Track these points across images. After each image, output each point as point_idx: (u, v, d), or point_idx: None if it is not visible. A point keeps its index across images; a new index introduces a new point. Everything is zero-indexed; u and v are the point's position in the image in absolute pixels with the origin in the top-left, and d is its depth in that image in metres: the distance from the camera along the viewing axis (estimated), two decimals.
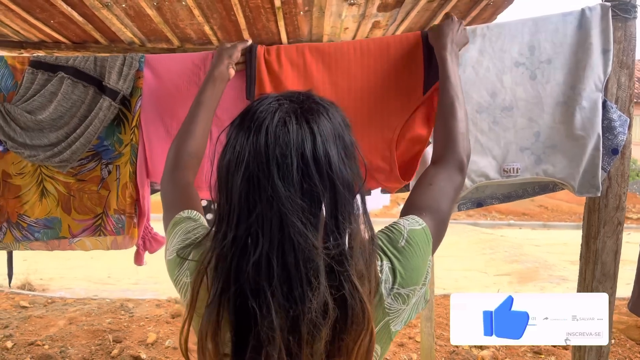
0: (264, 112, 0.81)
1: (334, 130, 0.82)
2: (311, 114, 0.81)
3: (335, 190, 0.77)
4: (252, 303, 0.73)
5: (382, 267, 0.84)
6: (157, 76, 1.80)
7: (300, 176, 0.76)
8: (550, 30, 1.69)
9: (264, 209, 0.75)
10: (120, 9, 2.78)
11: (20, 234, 1.92)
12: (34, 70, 1.78)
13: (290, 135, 0.77)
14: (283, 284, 0.73)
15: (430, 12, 2.97)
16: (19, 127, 1.77)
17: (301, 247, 0.73)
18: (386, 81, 1.74)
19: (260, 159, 0.77)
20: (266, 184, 0.75)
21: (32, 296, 5.51)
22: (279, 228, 0.74)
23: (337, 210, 0.78)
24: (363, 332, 0.75)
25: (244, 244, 0.76)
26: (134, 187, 1.78)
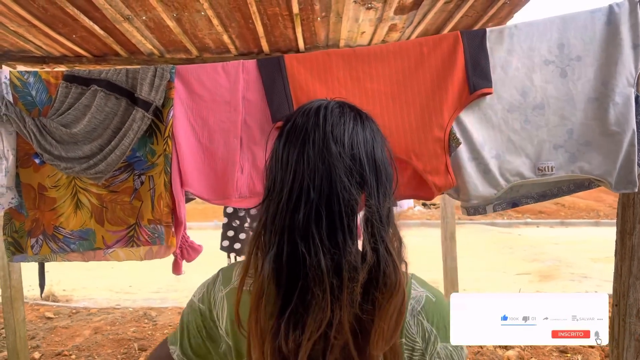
0: (319, 101, 0.92)
1: (374, 128, 0.92)
2: (360, 114, 0.92)
3: (377, 169, 0.87)
4: (302, 247, 0.81)
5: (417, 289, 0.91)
6: (187, 86, 1.82)
7: (351, 142, 0.86)
8: (578, 27, 1.69)
9: (317, 165, 0.84)
10: (140, 21, 2.83)
11: (56, 245, 1.95)
12: (67, 84, 1.81)
13: (345, 117, 0.88)
14: (329, 231, 0.82)
15: (446, 13, 2.98)
16: (55, 140, 1.80)
17: (345, 200, 0.83)
18: (428, 82, 1.75)
19: (317, 124, 0.87)
20: (321, 144, 0.85)
21: (57, 307, 5.58)
22: (329, 182, 0.83)
23: (378, 179, 0.87)
24: (394, 292, 0.82)
25: (297, 197, 0.84)
26: (169, 196, 1.80)
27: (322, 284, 0.79)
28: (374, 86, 1.77)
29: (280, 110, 1.77)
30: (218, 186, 1.83)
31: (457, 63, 1.72)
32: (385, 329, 0.81)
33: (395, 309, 0.81)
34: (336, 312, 0.80)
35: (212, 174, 1.83)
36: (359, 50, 1.77)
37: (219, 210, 10.56)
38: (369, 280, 0.82)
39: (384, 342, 0.81)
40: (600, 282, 6.57)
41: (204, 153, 1.83)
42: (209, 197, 1.82)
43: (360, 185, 0.85)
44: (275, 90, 1.78)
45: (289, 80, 1.78)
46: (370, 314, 0.82)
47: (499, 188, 1.74)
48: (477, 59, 1.72)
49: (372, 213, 0.84)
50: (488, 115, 1.75)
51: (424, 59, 1.75)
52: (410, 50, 1.76)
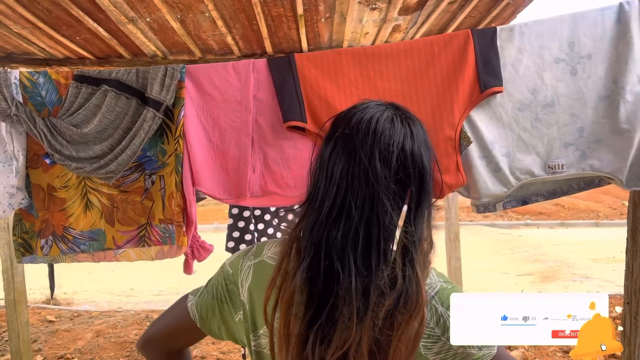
0: (372, 109, 0.92)
1: (425, 138, 0.93)
2: (409, 119, 0.92)
3: (423, 185, 0.89)
4: (337, 265, 0.83)
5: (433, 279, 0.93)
6: (198, 86, 1.82)
7: (398, 165, 0.86)
8: (589, 25, 1.69)
9: (361, 185, 0.85)
10: (144, 23, 2.83)
11: (66, 246, 1.94)
12: (77, 84, 1.81)
13: (395, 130, 0.88)
14: (364, 253, 0.84)
15: (450, 13, 2.98)
16: (65, 141, 1.80)
17: (385, 224, 0.84)
18: (439, 81, 1.76)
19: (365, 141, 0.87)
20: (367, 163, 0.85)
21: (58, 310, 5.56)
22: (370, 204, 0.84)
23: (420, 204, 0.88)
24: (414, 314, 0.82)
25: (338, 213, 0.85)
26: (181, 196, 1.80)
27: (350, 305, 0.81)
28: (384, 85, 1.77)
29: (291, 110, 1.77)
30: (230, 185, 1.83)
31: (468, 61, 1.73)
32: (403, 350, 0.82)
33: (414, 329, 0.82)
34: (358, 333, 0.81)
35: (224, 173, 1.83)
36: (370, 49, 1.77)
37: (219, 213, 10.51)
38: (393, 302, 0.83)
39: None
40: (601, 282, 6.58)
41: (215, 152, 1.83)
42: (221, 197, 1.82)
43: (400, 210, 0.88)
44: (286, 89, 1.78)
45: (299, 79, 1.79)
46: (389, 336, 0.83)
47: (510, 186, 1.74)
48: (487, 57, 1.73)
49: (407, 238, 0.85)
50: (498, 113, 1.76)
51: (435, 58, 1.76)
52: (421, 48, 1.76)
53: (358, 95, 1.77)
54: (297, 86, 1.78)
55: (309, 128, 1.78)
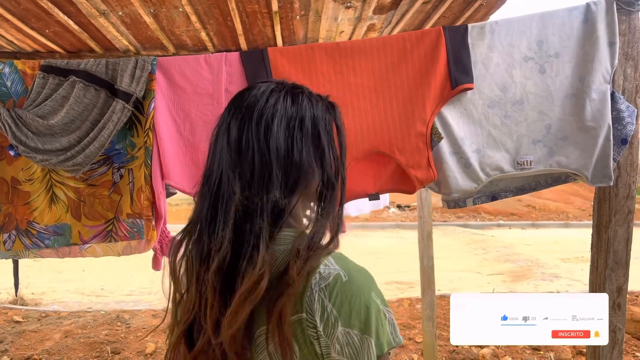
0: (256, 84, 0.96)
1: (296, 112, 0.90)
2: (279, 91, 0.92)
3: (269, 160, 0.86)
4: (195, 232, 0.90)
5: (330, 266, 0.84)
6: (169, 78, 1.80)
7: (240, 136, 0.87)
8: (557, 24, 1.73)
9: (216, 157, 0.90)
10: (116, 17, 2.78)
11: (29, 241, 1.89)
12: (45, 74, 1.77)
13: (250, 98, 0.90)
14: (211, 224, 0.87)
15: (424, 13, 3.01)
16: (31, 132, 1.76)
17: (227, 192, 0.86)
18: (411, 76, 1.77)
19: (224, 113, 0.93)
20: (221, 135, 0.91)
21: (25, 310, 5.41)
22: (219, 174, 0.88)
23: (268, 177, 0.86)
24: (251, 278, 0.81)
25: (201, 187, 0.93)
26: (150, 189, 1.77)
27: (192, 268, 0.88)
28: (357, 80, 1.77)
29: None
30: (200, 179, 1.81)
31: (440, 58, 1.74)
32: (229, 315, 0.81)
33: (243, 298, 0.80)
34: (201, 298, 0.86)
35: (195, 167, 1.81)
36: (343, 45, 1.78)
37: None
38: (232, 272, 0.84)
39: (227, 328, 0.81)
40: (570, 281, 6.73)
41: (185, 146, 1.81)
42: (191, 191, 1.80)
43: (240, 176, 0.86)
44: None
45: (272, 73, 1.78)
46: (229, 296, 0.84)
47: (480, 182, 1.77)
48: (459, 54, 1.75)
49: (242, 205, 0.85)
50: (469, 110, 1.78)
51: (407, 54, 1.77)
52: (394, 45, 1.77)
53: (331, 90, 1.77)
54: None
55: None
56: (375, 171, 1.82)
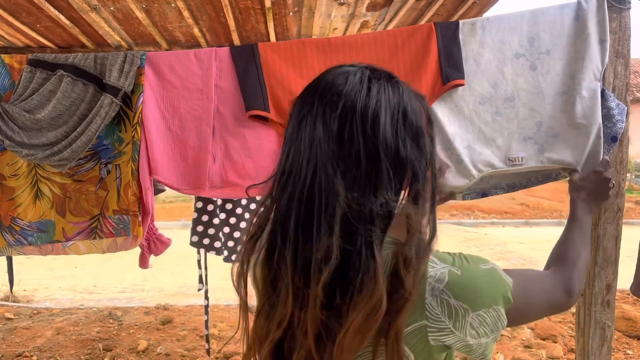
0: (337, 68, 0.83)
1: (399, 103, 0.80)
2: (378, 79, 0.81)
3: (378, 157, 0.76)
4: (279, 240, 0.78)
5: (436, 266, 0.81)
6: (158, 73, 1.79)
7: (341, 125, 0.76)
8: (548, 21, 1.72)
9: (304, 146, 0.77)
10: (108, 12, 2.76)
11: (13, 238, 1.87)
12: (32, 68, 1.75)
13: (347, 86, 0.78)
14: (305, 221, 0.76)
15: (417, 11, 3.00)
16: (17, 127, 1.74)
17: (327, 190, 0.75)
18: (402, 73, 1.76)
19: (313, 99, 0.79)
20: (311, 124, 0.77)
21: (17, 307, 5.38)
22: (314, 168, 0.76)
23: (370, 173, 0.76)
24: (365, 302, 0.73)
25: (286, 179, 0.79)
26: (137, 185, 1.76)
27: (286, 279, 0.76)
28: None
29: (254, 99, 1.75)
30: (189, 175, 1.80)
31: (431, 54, 1.74)
32: (348, 340, 0.74)
33: (364, 319, 0.73)
34: (296, 311, 0.76)
35: (183, 163, 1.80)
36: (334, 40, 1.77)
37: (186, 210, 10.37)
38: (339, 284, 0.74)
39: (346, 352, 0.74)
40: None
41: (174, 141, 1.79)
42: (179, 186, 1.79)
43: (344, 174, 0.75)
44: (249, 78, 1.76)
45: (262, 68, 1.77)
46: (337, 320, 0.75)
47: (471, 178, 1.77)
48: (450, 50, 1.74)
49: (349, 207, 0.74)
50: (460, 106, 1.78)
51: (398, 50, 1.76)
52: (385, 41, 1.76)
53: None
54: (260, 75, 1.76)
55: (272, 117, 1.77)
56: None
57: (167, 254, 2.03)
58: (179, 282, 6.38)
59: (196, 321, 4.80)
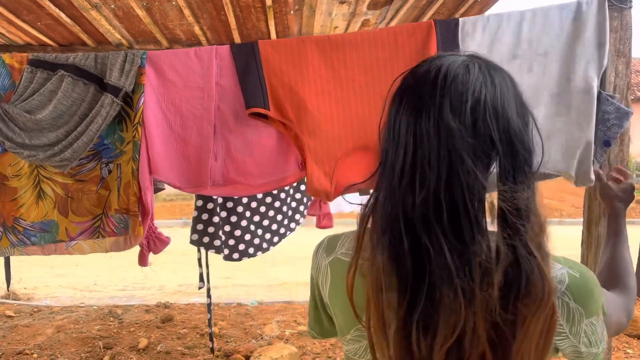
0: (444, 57, 0.78)
1: (516, 92, 0.77)
2: (493, 68, 0.77)
3: (512, 143, 0.72)
4: (425, 240, 0.70)
5: (555, 266, 0.77)
6: (159, 72, 1.79)
7: (474, 117, 0.71)
8: (547, 23, 1.72)
9: (431, 142, 0.71)
10: (109, 10, 2.76)
11: (16, 238, 1.87)
12: (33, 69, 1.75)
13: (471, 76, 0.74)
14: (452, 223, 0.70)
15: (418, 9, 3.01)
16: (18, 127, 1.74)
17: (469, 185, 0.69)
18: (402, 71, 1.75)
19: (433, 91, 0.73)
20: (436, 116, 0.72)
21: (17, 305, 5.38)
22: (448, 163, 0.70)
23: (514, 167, 0.72)
24: (542, 304, 0.69)
25: (410, 178, 0.72)
26: (137, 184, 1.76)
27: (451, 285, 0.68)
28: (348, 74, 1.77)
29: (254, 96, 1.75)
30: (190, 174, 1.80)
31: (430, 53, 1.74)
32: (532, 349, 0.70)
33: (544, 324, 0.70)
34: (469, 318, 0.69)
35: (185, 162, 1.80)
36: (334, 38, 1.77)
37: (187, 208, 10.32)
38: (507, 285, 0.69)
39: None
40: None
41: (176, 140, 1.80)
42: (181, 185, 1.79)
43: (488, 166, 0.71)
44: (249, 76, 1.76)
45: (263, 66, 1.77)
46: (511, 327, 0.70)
47: None
48: (449, 49, 1.74)
49: (505, 201, 0.69)
50: None
51: (399, 49, 1.76)
52: (385, 39, 1.76)
53: (322, 83, 1.76)
54: (260, 73, 1.76)
55: (272, 115, 1.77)
56: (365, 166, 1.81)
57: (168, 253, 2.04)
58: (180, 280, 6.38)
59: (196, 319, 4.80)
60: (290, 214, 3.11)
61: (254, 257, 3.01)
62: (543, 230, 0.73)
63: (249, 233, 2.91)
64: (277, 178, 1.83)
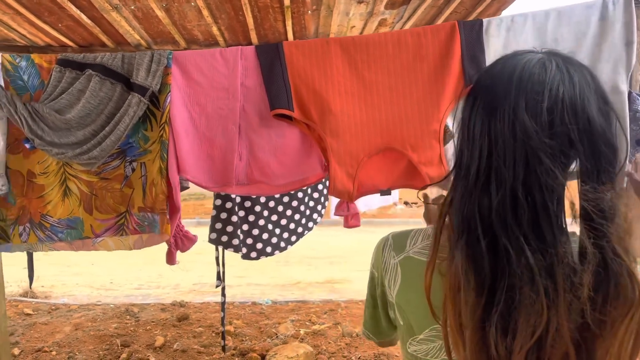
0: (519, 54, 0.78)
1: (597, 88, 0.74)
2: (569, 63, 0.75)
3: (593, 142, 0.70)
4: (503, 240, 0.70)
5: None
6: (185, 72, 1.81)
7: (552, 116, 0.70)
8: (573, 22, 1.70)
9: (506, 142, 0.71)
10: (129, 11, 2.79)
11: (43, 234, 1.91)
12: (61, 68, 1.78)
13: (548, 74, 0.72)
14: (532, 223, 0.69)
15: (436, 8, 3.00)
16: (47, 126, 1.77)
17: (549, 185, 0.69)
18: (425, 74, 1.76)
19: (508, 90, 0.73)
20: (512, 116, 0.71)
21: (35, 303, 5.46)
22: (525, 164, 0.70)
23: (597, 162, 0.70)
24: (633, 306, 0.67)
25: (486, 178, 0.72)
26: (165, 183, 1.78)
27: (535, 284, 0.68)
28: (371, 76, 1.77)
29: (279, 97, 1.76)
30: (216, 173, 1.82)
31: (454, 55, 1.73)
32: (622, 351, 0.68)
33: (634, 327, 0.68)
34: (552, 318, 0.67)
35: (210, 161, 1.82)
36: (358, 39, 1.77)
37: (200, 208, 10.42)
38: (595, 287, 0.68)
39: None
40: None
41: (201, 140, 1.81)
42: (207, 184, 1.81)
43: (567, 165, 0.70)
44: (274, 77, 1.77)
45: (287, 67, 1.78)
46: (598, 328, 0.69)
47: None
48: (473, 50, 1.74)
49: (588, 201, 0.68)
50: None
51: (423, 51, 1.76)
52: (409, 41, 1.76)
53: (345, 84, 1.77)
54: (285, 74, 1.77)
55: (296, 116, 1.78)
56: (387, 167, 1.82)
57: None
58: (194, 279, 6.43)
59: (212, 318, 4.84)
60: (308, 213, 3.12)
61: (271, 256, 3.03)
62: (629, 233, 0.71)
63: (267, 232, 2.92)
64: (300, 178, 1.84)
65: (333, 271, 6.93)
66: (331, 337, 4.28)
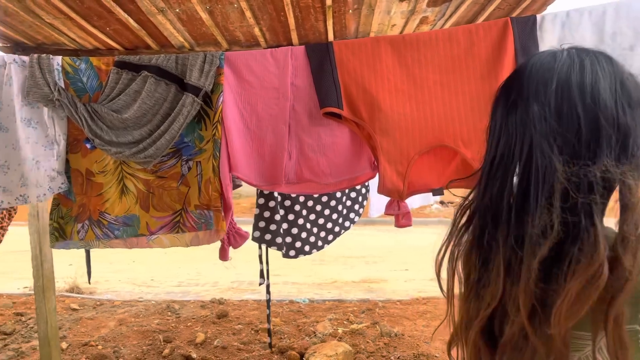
0: (541, 52, 0.83)
1: (615, 72, 0.77)
2: (587, 53, 0.79)
3: (598, 125, 0.73)
4: (487, 214, 0.80)
5: None
6: (237, 72, 1.84)
7: (558, 100, 0.75)
8: (631, 16, 1.67)
9: (517, 129, 0.77)
10: (173, 14, 2.85)
11: (100, 231, 1.98)
12: (118, 70, 1.84)
13: (557, 62, 0.77)
14: (521, 201, 0.76)
15: (479, 5, 2.95)
16: (106, 126, 1.83)
17: (542, 168, 0.74)
18: (478, 70, 1.75)
19: (521, 81, 0.79)
20: (522, 104, 0.78)
21: (82, 299, 5.64)
22: (529, 149, 0.76)
23: (596, 146, 0.73)
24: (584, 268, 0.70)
25: (497, 165, 0.80)
26: (218, 181, 1.82)
27: (498, 258, 0.77)
28: (422, 73, 1.77)
29: (328, 96, 1.78)
30: (266, 172, 1.85)
31: (507, 51, 1.72)
32: (566, 307, 0.71)
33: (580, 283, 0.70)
34: (507, 287, 0.76)
35: (260, 160, 1.85)
36: (408, 37, 1.77)
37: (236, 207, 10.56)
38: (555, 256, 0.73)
39: (563, 320, 0.71)
40: None
41: (252, 139, 1.84)
42: (257, 182, 1.84)
43: (561, 149, 0.74)
44: (324, 76, 1.79)
45: (337, 65, 1.79)
46: (553, 291, 0.73)
47: None
48: (527, 47, 1.72)
49: (568, 181, 0.72)
50: None
51: (474, 47, 1.75)
52: (460, 37, 1.75)
53: (395, 82, 1.77)
54: (335, 73, 1.79)
55: (345, 115, 1.79)
56: (439, 165, 1.81)
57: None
58: (232, 277, 6.51)
59: (250, 315, 4.90)
60: (346, 213, 3.13)
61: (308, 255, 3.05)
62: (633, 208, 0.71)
63: (306, 231, 2.94)
64: (349, 177, 1.86)
65: (369, 271, 6.91)
66: (369, 337, 4.28)
